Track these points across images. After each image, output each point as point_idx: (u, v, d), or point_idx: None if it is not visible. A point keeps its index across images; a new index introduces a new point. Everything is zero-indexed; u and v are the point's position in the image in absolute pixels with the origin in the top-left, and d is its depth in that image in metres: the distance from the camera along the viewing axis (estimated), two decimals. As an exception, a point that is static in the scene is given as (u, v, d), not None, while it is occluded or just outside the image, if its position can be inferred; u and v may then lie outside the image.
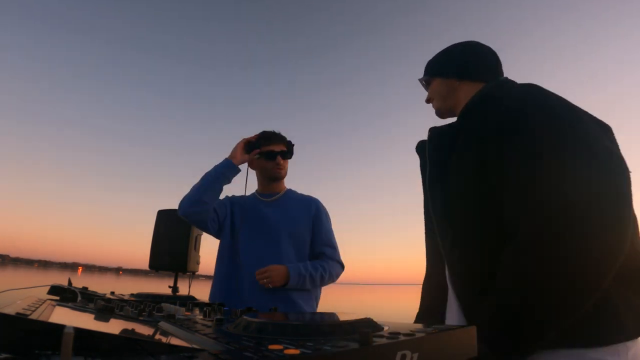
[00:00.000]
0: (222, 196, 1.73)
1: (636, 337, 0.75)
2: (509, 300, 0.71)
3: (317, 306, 1.76)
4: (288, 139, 1.84)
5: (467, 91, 1.05)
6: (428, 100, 1.17)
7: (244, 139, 1.76)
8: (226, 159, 1.70)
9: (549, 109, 0.77)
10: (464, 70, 1.07)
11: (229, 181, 1.68)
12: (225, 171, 1.66)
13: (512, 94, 0.87)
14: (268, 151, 1.76)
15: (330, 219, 1.82)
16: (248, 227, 1.75)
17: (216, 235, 1.81)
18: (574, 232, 0.66)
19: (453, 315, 0.93)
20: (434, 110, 1.17)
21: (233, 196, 1.88)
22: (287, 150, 1.80)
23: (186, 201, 1.64)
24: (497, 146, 0.80)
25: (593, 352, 0.72)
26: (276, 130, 1.82)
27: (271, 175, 1.80)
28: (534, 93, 0.83)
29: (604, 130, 0.80)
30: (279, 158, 1.77)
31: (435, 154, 0.99)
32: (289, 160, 1.84)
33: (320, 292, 1.78)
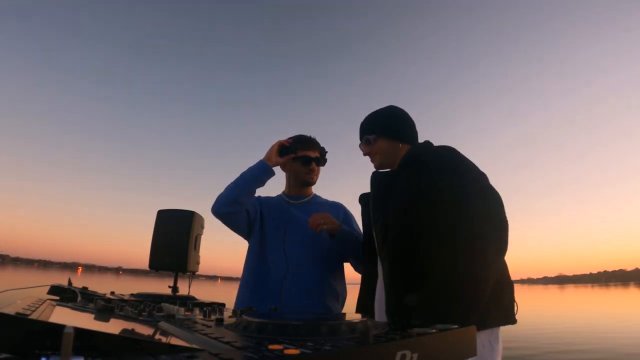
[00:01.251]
0: None
1: (501, 325, 1.16)
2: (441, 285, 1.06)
3: (342, 308, 1.75)
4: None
5: (402, 150, 1.41)
6: (368, 154, 1.47)
7: (279, 142, 1.73)
8: (262, 161, 1.67)
9: (456, 168, 1.20)
10: (404, 135, 1.43)
11: (263, 184, 1.66)
12: (261, 174, 1.64)
13: (433, 155, 1.27)
14: (304, 156, 1.76)
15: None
16: (278, 229, 1.74)
17: (246, 237, 1.79)
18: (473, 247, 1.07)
19: (382, 311, 1.24)
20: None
21: (259, 197, 1.86)
22: (321, 157, 1.81)
23: (222, 200, 1.62)
24: (423, 192, 1.19)
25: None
26: (312, 136, 1.82)
27: (304, 180, 1.80)
28: (446, 156, 1.24)
29: (483, 176, 1.23)
30: (314, 164, 1.77)
31: (378, 193, 1.35)
32: (321, 167, 1.84)
33: (346, 294, 1.77)
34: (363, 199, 1.53)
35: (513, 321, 1.17)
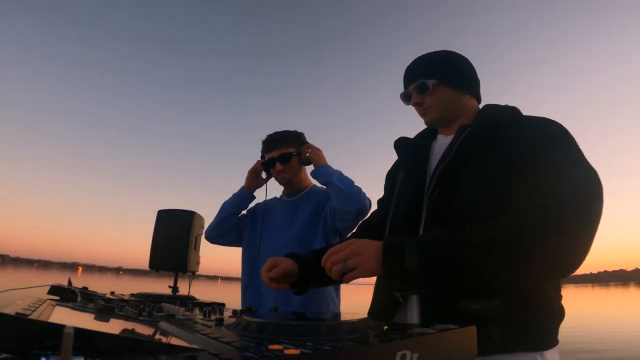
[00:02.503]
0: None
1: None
2: (527, 222, 0.78)
3: (338, 309, 1.74)
4: (293, 131, 1.78)
5: (467, 105, 1.10)
6: (419, 104, 1.10)
7: (251, 168, 1.84)
8: (242, 187, 1.86)
9: (571, 149, 0.91)
10: (472, 85, 1.11)
11: (245, 207, 1.89)
12: (239, 200, 1.87)
13: (538, 123, 0.97)
14: (267, 161, 1.77)
15: None
16: (269, 227, 1.78)
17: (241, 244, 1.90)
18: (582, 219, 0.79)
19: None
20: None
21: (257, 204, 1.94)
22: (285, 154, 1.73)
23: (209, 229, 1.90)
24: (525, 160, 0.90)
25: (540, 355, 0.84)
26: (278, 130, 1.79)
27: (279, 182, 1.81)
28: (557, 131, 0.95)
29: None
30: (278, 165, 1.73)
31: (460, 150, 1.00)
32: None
33: (340, 301, 1.75)
34: (402, 144, 1.22)
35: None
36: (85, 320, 0.68)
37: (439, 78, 1.07)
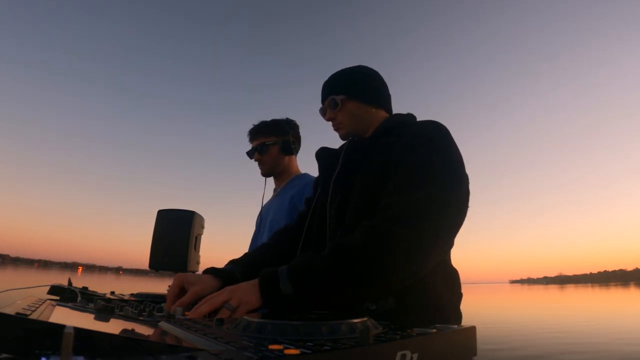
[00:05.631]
0: None
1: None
2: (357, 243, 0.81)
3: None
4: (283, 120, 1.72)
5: (376, 117, 1.15)
6: (332, 119, 1.17)
7: None
8: None
9: (438, 144, 0.96)
10: (380, 98, 1.17)
11: None
12: None
13: (417, 126, 1.03)
14: (248, 151, 1.74)
15: None
16: (261, 229, 1.77)
17: None
18: (428, 222, 0.83)
19: None
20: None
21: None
22: (262, 144, 1.67)
23: None
24: (398, 159, 0.96)
25: None
26: (260, 122, 1.74)
27: (261, 174, 1.76)
28: (431, 130, 1.00)
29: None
30: (256, 155, 1.71)
31: (352, 158, 1.11)
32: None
33: None
34: (323, 153, 1.26)
35: None
36: (85, 320, 0.68)
37: (347, 93, 1.13)
